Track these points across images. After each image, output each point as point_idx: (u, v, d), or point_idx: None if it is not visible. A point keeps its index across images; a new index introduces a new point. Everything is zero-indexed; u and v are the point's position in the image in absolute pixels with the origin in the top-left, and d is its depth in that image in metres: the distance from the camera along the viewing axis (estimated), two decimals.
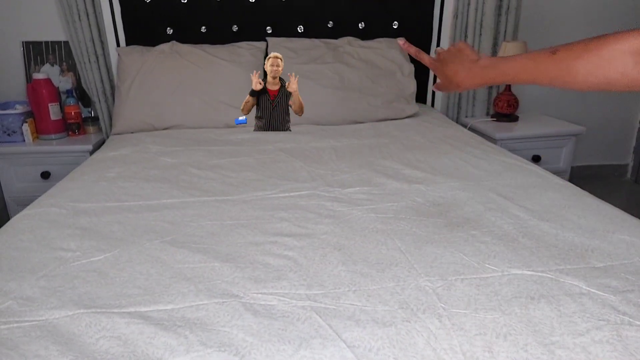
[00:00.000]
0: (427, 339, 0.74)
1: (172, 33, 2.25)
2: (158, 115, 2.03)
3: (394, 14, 2.36)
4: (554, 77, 0.74)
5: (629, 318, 0.78)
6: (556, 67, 0.73)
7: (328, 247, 1.04)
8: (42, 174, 2.11)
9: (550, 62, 0.74)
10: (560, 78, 0.73)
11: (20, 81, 2.29)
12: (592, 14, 2.56)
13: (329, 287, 0.89)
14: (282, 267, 0.96)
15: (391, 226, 1.13)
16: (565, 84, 0.73)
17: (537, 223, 1.14)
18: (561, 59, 0.72)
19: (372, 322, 0.78)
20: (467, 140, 1.83)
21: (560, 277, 0.91)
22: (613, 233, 1.08)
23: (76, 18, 2.08)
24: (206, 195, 1.33)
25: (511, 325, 0.77)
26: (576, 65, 0.70)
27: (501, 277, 0.92)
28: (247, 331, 0.76)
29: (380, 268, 0.95)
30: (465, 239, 1.06)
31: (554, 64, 0.73)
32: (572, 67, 0.71)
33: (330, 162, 1.61)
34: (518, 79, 0.81)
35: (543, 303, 0.83)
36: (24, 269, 0.96)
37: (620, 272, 0.92)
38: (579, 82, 0.71)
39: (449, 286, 0.89)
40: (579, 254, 1.00)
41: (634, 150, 2.91)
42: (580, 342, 0.73)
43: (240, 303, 0.84)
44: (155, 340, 0.74)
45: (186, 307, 0.83)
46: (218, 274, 0.94)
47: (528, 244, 1.04)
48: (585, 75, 0.69)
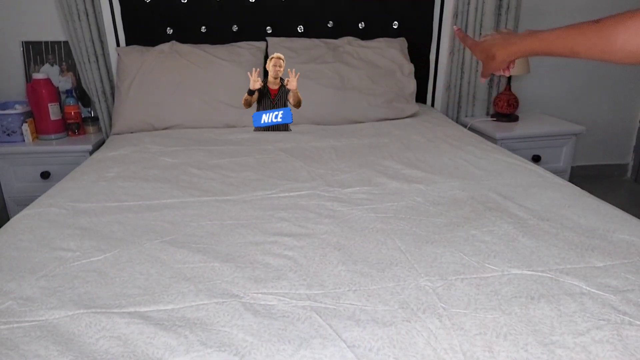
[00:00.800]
0: (427, 338, 0.74)
1: (172, 33, 2.25)
2: (158, 115, 2.03)
3: (394, 14, 2.36)
4: (592, 44, 0.73)
5: (629, 318, 0.78)
6: (597, 33, 0.73)
7: (328, 247, 1.04)
8: (42, 174, 2.11)
9: (592, 28, 0.73)
10: (598, 45, 0.72)
11: (20, 81, 2.29)
12: (592, 14, 2.55)
13: (329, 287, 0.89)
14: (282, 267, 0.96)
15: (391, 226, 1.13)
16: (603, 54, 0.72)
17: (537, 222, 1.14)
18: (603, 24, 0.72)
19: (372, 321, 0.78)
20: (467, 140, 1.83)
21: (560, 276, 0.91)
22: (613, 232, 1.08)
23: (76, 18, 2.08)
24: (206, 195, 1.33)
25: (511, 325, 0.77)
26: (616, 30, 0.70)
27: (501, 276, 0.92)
28: (247, 331, 0.76)
29: (381, 268, 0.95)
30: (465, 239, 1.06)
31: (595, 30, 0.73)
32: (612, 34, 0.70)
33: (330, 161, 1.61)
34: (555, 47, 0.80)
35: (543, 303, 0.83)
36: (24, 269, 0.96)
37: (620, 272, 0.92)
38: (616, 51, 0.70)
39: (449, 286, 0.88)
40: (579, 253, 0.99)
41: (634, 149, 2.91)
42: (581, 342, 0.73)
43: (240, 303, 0.84)
44: (155, 340, 0.74)
45: (186, 307, 0.83)
46: (218, 274, 0.93)
47: (528, 243, 1.04)
48: (623, 42, 0.69)
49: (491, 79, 2.47)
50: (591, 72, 2.71)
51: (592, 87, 2.75)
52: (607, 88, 2.76)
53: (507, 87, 2.40)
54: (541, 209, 1.21)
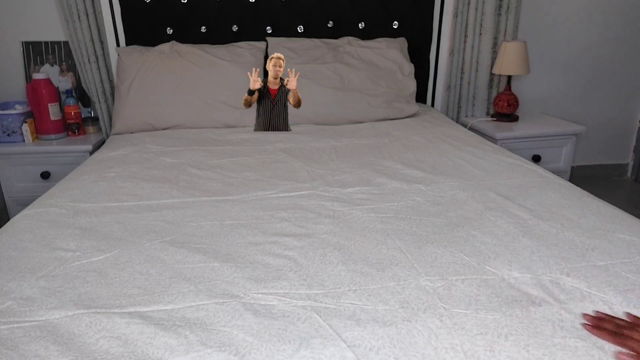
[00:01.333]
0: (427, 338, 0.74)
1: (172, 33, 2.25)
2: (158, 115, 2.03)
3: (394, 14, 2.36)
4: None
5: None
6: None
7: (328, 247, 1.04)
8: (42, 174, 2.11)
9: None
10: None
11: (20, 81, 2.29)
12: (592, 14, 2.57)
13: (329, 287, 0.89)
14: (282, 267, 0.96)
15: (391, 226, 1.13)
16: None
17: (537, 222, 1.14)
18: None
19: (372, 321, 0.78)
20: (467, 140, 1.83)
21: (561, 277, 0.91)
22: (613, 232, 1.08)
23: (76, 18, 2.08)
24: (206, 195, 1.33)
25: (512, 325, 0.77)
26: None
27: (501, 277, 0.91)
28: (247, 331, 0.76)
29: (380, 267, 0.95)
30: (465, 239, 1.06)
31: None
32: None
33: (330, 162, 1.61)
34: None
35: (544, 304, 0.83)
36: (24, 269, 0.96)
37: (620, 271, 0.92)
38: None
39: (450, 286, 0.88)
40: (580, 253, 0.99)
41: (634, 149, 2.91)
42: (582, 344, 0.73)
43: (241, 303, 0.84)
44: (155, 340, 0.74)
45: (186, 307, 0.83)
46: (218, 274, 0.93)
47: (528, 243, 1.04)
48: None
49: (491, 79, 2.47)
50: (591, 72, 2.71)
51: (592, 87, 2.74)
52: (607, 88, 2.76)
53: (507, 87, 2.39)
54: (541, 209, 1.21)
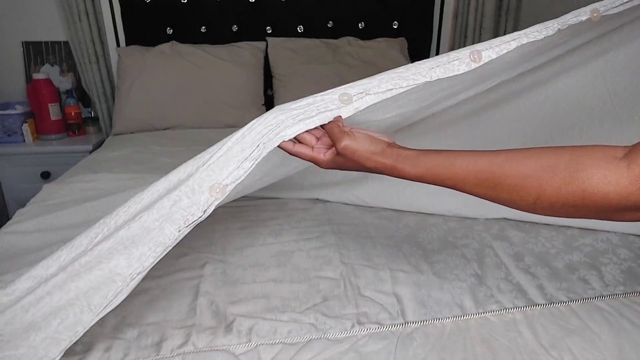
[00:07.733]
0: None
1: (172, 33, 2.25)
2: (158, 115, 2.03)
3: (394, 14, 2.36)
4: None
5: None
6: None
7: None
8: (42, 174, 2.11)
9: None
10: None
11: (20, 81, 2.29)
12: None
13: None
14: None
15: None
16: None
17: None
18: None
19: None
20: None
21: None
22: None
23: (76, 18, 2.08)
24: None
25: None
26: None
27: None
28: None
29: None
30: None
31: None
32: None
33: None
34: None
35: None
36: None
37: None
38: None
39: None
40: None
41: None
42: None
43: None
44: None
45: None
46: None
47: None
48: None
49: None
50: None
51: None
52: None
53: None
54: None
